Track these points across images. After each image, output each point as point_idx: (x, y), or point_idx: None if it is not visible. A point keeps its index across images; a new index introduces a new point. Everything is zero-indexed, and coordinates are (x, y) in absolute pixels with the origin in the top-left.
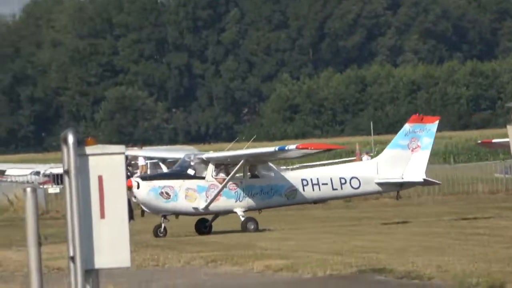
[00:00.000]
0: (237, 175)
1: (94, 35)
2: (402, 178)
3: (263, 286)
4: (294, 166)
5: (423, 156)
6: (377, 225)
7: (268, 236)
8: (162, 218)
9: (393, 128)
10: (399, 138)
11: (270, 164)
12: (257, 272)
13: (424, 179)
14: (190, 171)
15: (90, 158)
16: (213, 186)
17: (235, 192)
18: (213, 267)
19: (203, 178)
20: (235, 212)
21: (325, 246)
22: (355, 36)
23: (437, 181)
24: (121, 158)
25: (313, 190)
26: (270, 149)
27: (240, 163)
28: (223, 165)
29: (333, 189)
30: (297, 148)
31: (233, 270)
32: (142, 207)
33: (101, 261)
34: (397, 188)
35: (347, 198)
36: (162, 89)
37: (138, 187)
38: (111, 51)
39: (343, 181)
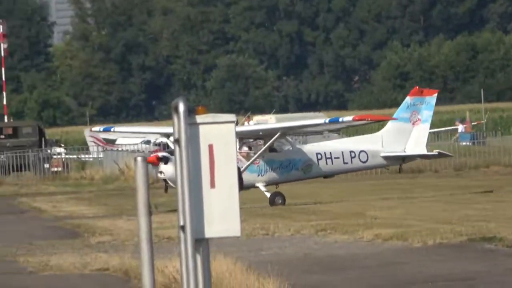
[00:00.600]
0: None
1: (205, 2)
2: (405, 152)
3: (373, 255)
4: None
5: (423, 129)
6: (487, 194)
7: (377, 205)
8: None
9: (504, 95)
10: (401, 111)
11: (288, 137)
12: (366, 241)
13: (439, 152)
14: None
15: (201, 127)
16: (237, 160)
17: (257, 167)
18: (322, 236)
19: None
20: (257, 187)
21: (435, 214)
22: (466, 3)
23: (450, 154)
24: (232, 127)
25: (326, 164)
26: (319, 121)
27: (276, 136)
28: (245, 139)
29: (344, 163)
30: (353, 119)
31: (342, 239)
32: (169, 183)
33: (211, 231)
34: (399, 162)
35: (355, 172)
36: (273, 57)
37: (166, 163)
38: (222, 19)
39: (352, 155)
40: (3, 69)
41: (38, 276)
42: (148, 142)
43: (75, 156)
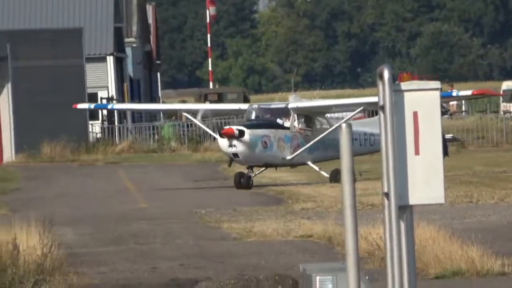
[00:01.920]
0: (307, 127)
1: None
2: None
3: None
4: None
5: None
6: None
7: None
8: (249, 169)
9: None
10: None
11: (328, 115)
12: None
13: (452, 136)
14: (279, 121)
15: (406, 94)
16: (295, 137)
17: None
18: None
19: (288, 128)
20: (307, 164)
21: None
22: None
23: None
24: (437, 94)
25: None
26: None
27: (357, 111)
28: (304, 115)
29: (360, 145)
30: (472, 94)
31: None
32: (239, 157)
33: (415, 198)
34: None
35: (363, 155)
36: (478, 24)
37: (240, 137)
38: None
39: (366, 137)
40: (208, 35)
41: (242, 242)
42: None
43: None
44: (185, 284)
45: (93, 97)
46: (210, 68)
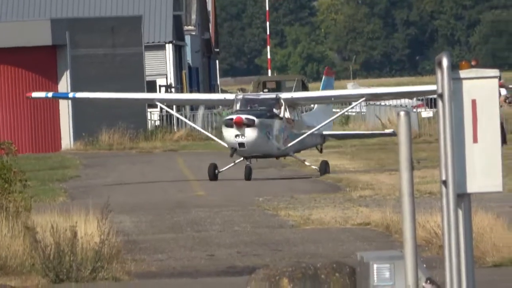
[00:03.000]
0: (290, 115)
1: None
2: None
3: None
4: None
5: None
6: None
7: None
8: (249, 161)
9: None
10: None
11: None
12: None
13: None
14: (276, 111)
15: (464, 82)
16: (286, 128)
17: (295, 134)
18: None
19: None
20: (291, 156)
21: None
22: None
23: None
24: (495, 82)
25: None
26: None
27: (359, 101)
28: (293, 106)
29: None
30: None
31: None
32: (245, 146)
33: (473, 186)
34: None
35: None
36: None
37: (249, 126)
38: None
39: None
40: (267, 23)
41: (299, 230)
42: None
43: (338, 110)
44: (242, 271)
45: (151, 85)
46: (268, 56)
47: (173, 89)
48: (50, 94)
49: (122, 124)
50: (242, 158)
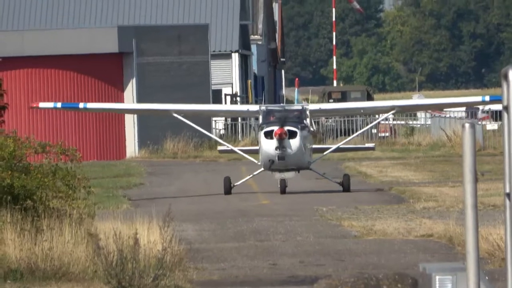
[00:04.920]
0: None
1: None
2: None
3: None
4: None
5: None
6: None
7: None
8: (282, 174)
9: None
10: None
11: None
12: None
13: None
14: (306, 122)
15: None
16: (311, 140)
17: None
18: None
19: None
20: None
21: None
22: None
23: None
24: None
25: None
26: (476, 98)
27: (389, 113)
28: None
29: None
30: None
31: None
32: (285, 159)
33: None
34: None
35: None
36: None
37: (292, 137)
38: None
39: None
40: (334, 33)
41: (362, 240)
42: (476, 109)
43: (403, 122)
44: (304, 281)
45: (217, 94)
46: (334, 66)
47: (238, 98)
48: (59, 105)
49: (186, 132)
50: (260, 170)
